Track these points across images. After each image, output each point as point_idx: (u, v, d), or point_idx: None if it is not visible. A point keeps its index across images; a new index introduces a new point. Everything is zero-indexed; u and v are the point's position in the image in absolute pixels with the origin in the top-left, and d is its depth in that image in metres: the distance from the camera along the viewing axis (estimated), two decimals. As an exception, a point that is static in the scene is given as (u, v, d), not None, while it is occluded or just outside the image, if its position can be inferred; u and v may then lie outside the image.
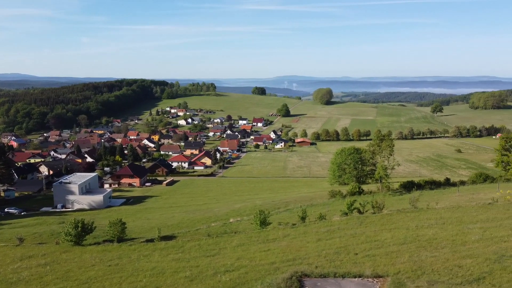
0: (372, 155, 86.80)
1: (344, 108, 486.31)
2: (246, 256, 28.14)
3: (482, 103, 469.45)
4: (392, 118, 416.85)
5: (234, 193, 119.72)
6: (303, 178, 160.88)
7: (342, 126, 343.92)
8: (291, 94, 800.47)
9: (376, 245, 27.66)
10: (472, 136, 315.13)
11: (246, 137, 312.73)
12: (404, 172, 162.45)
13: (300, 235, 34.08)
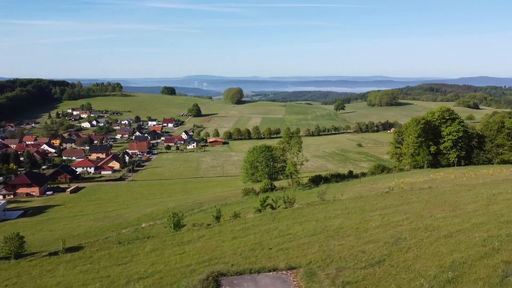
0: (282, 152, 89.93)
1: (254, 107, 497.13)
2: (160, 261, 27.36)
3: (378, 101, 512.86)
4: (300, 116, 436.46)
5: (146, 197, 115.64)
6: (216, 178, 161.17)
7: (253, 125, 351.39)
8: (202, 93, 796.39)
9: (289, 239, 28.73)
10: (370, 131, 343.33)
11: (156, 139, 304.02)
12: (312, 167, 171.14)
13: (215, 235, 34.07)
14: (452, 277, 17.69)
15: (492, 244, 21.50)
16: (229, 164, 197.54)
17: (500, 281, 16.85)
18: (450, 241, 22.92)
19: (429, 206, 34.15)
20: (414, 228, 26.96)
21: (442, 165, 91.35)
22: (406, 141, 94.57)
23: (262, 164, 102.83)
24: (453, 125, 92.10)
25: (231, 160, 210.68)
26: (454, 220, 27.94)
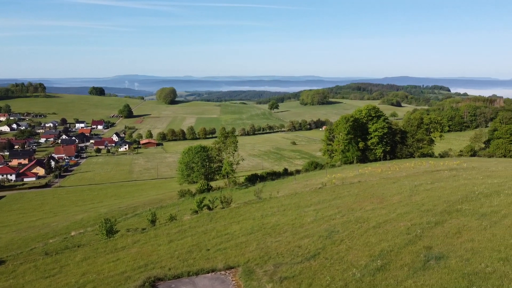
0: (218, 152, 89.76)
1: (189, 107, 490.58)
2: (93, 270, 26.03)
3: (310, 100, 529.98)
4: (235, 116, 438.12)
5: (75, 203, 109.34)
6: (151, 181, 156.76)
7: (188, 125, 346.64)
8: (133, 94, 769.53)
9: (227, 238, 28.73)
10: (303, 129, 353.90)
11: (85, 142, 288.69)
12: (249, 166, 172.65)
13: (151, 239, 33.13)
14: (381, 265, 18.80)
15: (415, 232, 23.16)
16: (164, 166, 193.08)
17: (422, 266, 18.22)
18: (379, 231, 24.32)
19: (359, 199, 35.97)
20: (346, 221, 28.24)
21: (370, 160, 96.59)
22: (337, 138, 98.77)
23: (198, 164, 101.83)
24: (378, 122, 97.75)
25: (166, 162, 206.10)
26: (382, 211, 29.69)
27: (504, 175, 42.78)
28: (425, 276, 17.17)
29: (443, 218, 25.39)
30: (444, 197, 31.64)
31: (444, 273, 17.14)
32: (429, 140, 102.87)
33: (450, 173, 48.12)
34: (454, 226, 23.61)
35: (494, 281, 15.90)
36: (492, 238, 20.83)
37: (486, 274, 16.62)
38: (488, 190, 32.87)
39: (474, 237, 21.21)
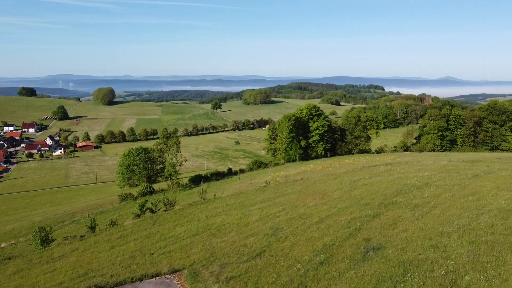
0: (160, 154, 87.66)
1: (128, 108, 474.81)
2: (27, 283, 24.38)
3: (253, 99, 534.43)
4: (177, 116, 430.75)
5: (5, 212, 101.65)
6: (89, 185, 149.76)
7: (128, 126, 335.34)
8: (68, 94, 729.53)
9: (171, 241, 28.18)
10: (247, 128, 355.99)
11: (15, 146, 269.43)
12: (192, 167, 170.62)
13: (90, 246, 31.67)
14: (324, 259, 19.41)
15: (355, 225, 24.17)
16: (103, 169, 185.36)
17: (362, 257, 19.06)
18: (321, 226, 25.09)
19: (302, 196, 36.86)
20: (290, 218, 28.81)
21: (311, 157, 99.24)
22: (280, 137, 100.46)
23: (139, 167, 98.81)
24: (319, 121, 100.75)
25: (105, 165, 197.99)
26: (324, 207, 30.65)
27: (433, 168, 45.91)
28: (365, 266, 17.98)
29: (380, 211, 26.74)
30: (380, 191, 33.32)
31: (382, 263, 18.05)
32: (366, 137, 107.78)
33: (385, 168, 50.74)
34: (390, 218, 24.95)
35: (426, 267, 17.01)
36: (424, 227, 22.27)
37: (419, 261, 17.74)
38: (419, 182, 35.10)
39: (408, 227, 22.55)
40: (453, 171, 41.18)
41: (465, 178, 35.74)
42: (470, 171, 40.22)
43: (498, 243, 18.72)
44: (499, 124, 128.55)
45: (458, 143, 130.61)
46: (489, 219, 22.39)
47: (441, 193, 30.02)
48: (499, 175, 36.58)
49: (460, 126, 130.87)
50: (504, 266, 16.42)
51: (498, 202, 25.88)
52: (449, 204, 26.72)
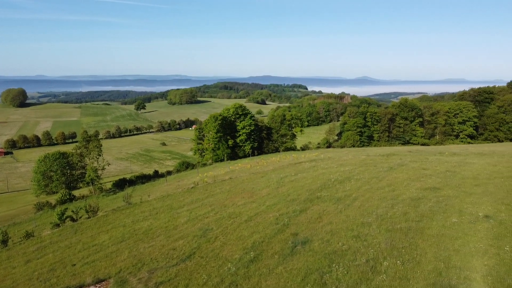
0: (80, 158, 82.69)
1: (43, 110, 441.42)
2: None
3: (178, 99, 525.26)
4: (98, 118, 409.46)
5: None
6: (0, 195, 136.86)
7: (43, 130, 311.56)
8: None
9: (95, 250, 26.75)
10: (173, 129, 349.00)
11: None
12: (116, 171, 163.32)
13: (2, 262, 28.96)
14: (254, 256, 19.67)
15: (283, 221, 24.81)
16: (16, 177, 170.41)
17: (291, 251, 19.62)
18: (250, 224, 25.40)
19: (230, 196, 37.00)
20: (219, 217, 28.78)
21: (239, 156, 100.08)
22: (207, 137, 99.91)
23: (57, 173, 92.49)
24: (246, 120, 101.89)
25: (18, 172, 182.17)
26: (253, 205, 31.06)
27: (354, 163, 48.66)
28: (293, 260, 18.54)
29: (306, 206, 27.73)
30: (306, 187, 34.57)
31: (309, 256, 18.74)
32: (291, 134, 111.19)
33: (310, 164, 52.73)
34: (316, 212, 25.99)
35: (349, 257, 17.99)
36: (346, 219, 23.52)
37: (343, 251, 18.70)
38: (341, 177, 36.99)
39: (332, 220, 23.66)
40: (371, 165, 43.98)
41: (382, 171, 38.35)
42: (386, 164, 43.24)
43: (411, 229, 20.36)
44: (409, 120, 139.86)
45: (375, 138, 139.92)
46: (403, 207, 24.26)
47: (361, 186, 31.92)
48: (410, 167, 39.77)
49: (376, 122, 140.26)
50: (416, 250, 17.90)
51: (410, 192, 28.13)
52: (368, 196, 28.48)
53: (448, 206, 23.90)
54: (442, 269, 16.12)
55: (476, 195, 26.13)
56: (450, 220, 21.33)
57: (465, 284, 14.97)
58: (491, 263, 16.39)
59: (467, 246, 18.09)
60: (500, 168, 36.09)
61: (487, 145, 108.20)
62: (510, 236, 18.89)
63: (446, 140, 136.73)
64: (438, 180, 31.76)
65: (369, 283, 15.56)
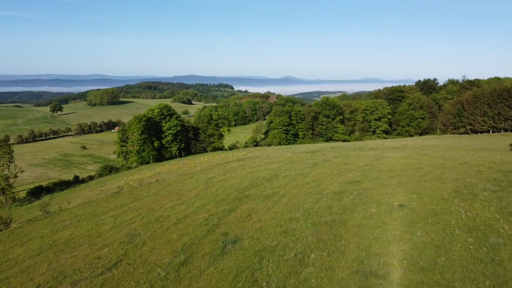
0: (-12, 166, 75.23)
1: None
2: None
3: (99, 100, 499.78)
4: (7, 121, 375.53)
5: None
6: None
7: None
8: None
9: (9, 265, 24.54)
10: (94, 131, 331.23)
11: None
12: (31, 178, 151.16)
13: None
14: (184, 259, 19.39)
15: (212, 221, 24.74)
16: None
17: (221, 251, 19.64)
18: (180, 227, 24.97)
19: (158, 199, 36.06)
20: (146, 222, 27.91)
21: (166, 158, 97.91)
22: (131, 138, 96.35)
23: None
24: (171, 120, 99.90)
25: None
26: (181, 207, 30.56)
27: (280, 160, 49.97)
28: (224, 260, 18.58)
29: (236, 205, 27.93)
30: (235, 186, 34.80)
31: (239, 254, 18.90)
32: (219, 134, 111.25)
33: (238, 163, 53.17)
34: (245, 210, 26.28)
35: (278, 252, 18.45)
36: (275, 215, 24.09)
37: (272, 247, 19.13)
38: (269, 175, 37.80)
39: (261, 218, 24.09)
40: (297, 162, 45.50)
41: (307, 167, 39.84)
42: (310, 161, 45.00)
43: (335, 222, 21.41)
44: (331, 117, 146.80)
45: (300, 136, 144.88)
46: (327, 201, 25.43)
47: (288, 183, 32.89)
48: (333, 163, 41.81)
49: (300, 120, 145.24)
50: (340, 241, 18.87)
51: (333, 186, 29.56)
52: (295, 192, 29.43)
53: (368, 198, 25.51)
54: (364, 257, 17.18)
55: (392, 186, 28.19)
56: (369, 211, 22.78)
57: (384, 270, 16.10)
58: (406, 248, 17.80)
59: (385, 234, 19.45)
60: (411, 161, 39.32)
61: (400, 139, 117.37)
62: (421, 222, 20.66)
63: (365, 136, 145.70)
64: (358, 174, 33.75)
65: (298, 276, 16.10)
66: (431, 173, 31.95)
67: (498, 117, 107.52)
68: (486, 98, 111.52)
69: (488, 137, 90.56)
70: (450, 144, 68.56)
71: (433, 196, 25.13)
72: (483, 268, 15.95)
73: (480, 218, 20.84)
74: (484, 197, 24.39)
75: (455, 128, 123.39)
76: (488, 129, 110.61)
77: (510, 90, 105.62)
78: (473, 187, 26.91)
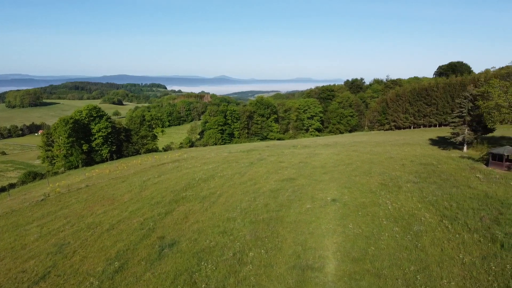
0: None
1: None
2: None
3: (19, 102, 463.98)
4: None
5: None
6: None
7: None
8: None
9: None
10: (14, 136, 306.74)
11: None
12: None
13: None
14: (119, 266, 18.64)
15: (148, 225, 24.05)
16: None
17: (158, 256, 19.16)
18: (113, 233, 23.96)
19: (89, 205, 34.30)
20: (77, 230, 26.43)
21: (96, 162, 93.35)
22: (57, 142, 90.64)
23: None
24: (101, 122, 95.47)
25: None
26: (114, 212, 29.33)
27: (217, 160, 49.84)
28: (161, 264, 18.15)
29: (172, 207, 27.40)
30: (170, 188, 34.11)
31: (177, 257, 18.57)
32: (152, 135, 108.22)
33: (174, 164, 52.18)
34: (182, 212, 25.87)
35: (217, 253, 18.41)
36: (213, 216, 23.99)
37: (210, 248, 19.04)
38: (205, 175, 37.54)
39: (199, 219, 23.86)
40: (233, 161, 45.65)
41: (243, 167, 40.13)
42: (247, 160, 45.39)
43: (272, 219, 21.81)
44: (266, 116, 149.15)
45: (236, 135, 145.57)
46: (264, 199, 25.82)
47: (225, 183, 32.90)
48: (269, 161, 42.54)
49: (236, 120, 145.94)
50: (278, 238, 19.27)
51: (269, 184, 30.08)
52: (232, 191, 29.51)
53: (303, 194, 26.29)
54: (300, 252, 17.69)
55: (325, 182, 29.31)
56: (305, 207, 23.49)
57: (319, 263, 16.70)
58: (339, 241, 18.62)
59: (319, 228, 20.18)
60: (342, 157, 41.16)
61: (331, 137, 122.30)
62: (353, 215, 21.72)
63: (298, 134, 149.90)
64: (293, 171, 34.65)
65: (237, 275, 16.17)
66: (360, 168, 33.69)
67: (418, 114, 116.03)
68: (407, 97, 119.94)
69: (410, 133, 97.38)
70: (377, 140, 72.77)
71: (363, 189, 26.53)
72: (408, 254, 17.14)
73: (405, 208, 22.37)
74: (407, 189, 26.22)
75: (381, 124, 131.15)
76: (410, 125, 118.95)
77: (427, 89, 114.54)
78: (398, 179, 28.81)
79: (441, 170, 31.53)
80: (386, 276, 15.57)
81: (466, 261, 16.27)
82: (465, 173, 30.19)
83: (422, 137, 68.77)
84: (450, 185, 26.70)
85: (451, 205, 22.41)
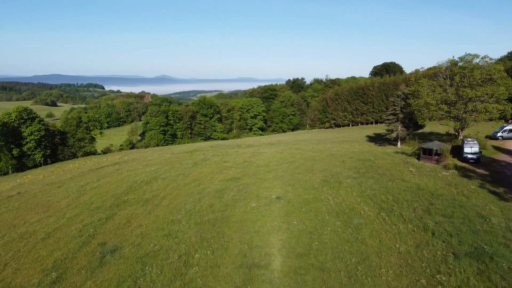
0: None
1: None
2: None
3: None
4: None
5: None
6: None
7: None
8: None
9: None
10: None
11: None
12: None
13: None
14: (57, 277, 17.64)
15: (88, 232, 22.97)
16: None
17: (99, 263, 18.37)
18: (49, 242, 22.62)
19: (21, 213, 32.08)
20: (8, 241, 24.61)
21: (29, 167, 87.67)
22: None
23: None
24: (33, 125, 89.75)
25: None
26: (50, 219, 27.70)
27: (159, 162, 48.72)
28: (103, 272, 17.42)
29: (113, 212, 26.38)
30: (111, 192, 32.82)
31: (120, 263, 17.93)
32: (90, 138, 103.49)
33: (114, 167, 50.28)
34: (124, 216, 25.00)
35: (162, 256, 18.01)
36: (156, 219, 23.43)
37: (155, 252, 18.58)
38: (148, 177, 36.56)
39: (142, 223, 23.19)
40: (177, 162, 44.88)
41: (187, 167, 39.59)
42: (190, 161, 44.82)
43: (218, 219, 21.74)
44: (209, 116, 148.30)
45: (179, 136, 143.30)
46: (209, 200, 25.66)
47: (168, 184, 32.25)
48: (213, 161, 42.32)
49: (178, 120, 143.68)
50: (224, 238, 19.24)
51: (214, 184, 29.94)
52: (176, 193, 29.01)
53: (248, 193, 26.46)
54: (247, 251, 17.80)
55: (269, 180, 29.71)
56: (250, 206, 23.66)
57: (265, 260, 16.90)
58: (284, 237, 18.97)
59: (265, 226, 20.42)
60: (285, 155, 41.97)
61: (274, 135, 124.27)
62: (297, 211, 22.22)
63: (242, 134, 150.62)
64: (237, 170, 34.75)
65: (183, 278, 15.93)
66: (303, 166, 34.56)
67: (356, 112, 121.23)
68: (345, 96, 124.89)
69: (349, 130, 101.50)
70: (318, 138, 75.02)
71: (306, 186, 27.23)
72: (349, 247, 17.87)
73: (346, 203, 23.28)
74: (347, 184, 27.30)
75: (321, 123, 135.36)
76: (349, 123, 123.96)
77: (364, 88, 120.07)
78: (338, 175, 29.91)
79: (378, 165, 33.19)
80: (329, 269, 16.12)
81: (402, 250, 17.28)
82: (400, 168, 32.03)
83: (360, 134, 71.93)
84: (386, 179, 28.19)
85: (388, 198, 23.68)
